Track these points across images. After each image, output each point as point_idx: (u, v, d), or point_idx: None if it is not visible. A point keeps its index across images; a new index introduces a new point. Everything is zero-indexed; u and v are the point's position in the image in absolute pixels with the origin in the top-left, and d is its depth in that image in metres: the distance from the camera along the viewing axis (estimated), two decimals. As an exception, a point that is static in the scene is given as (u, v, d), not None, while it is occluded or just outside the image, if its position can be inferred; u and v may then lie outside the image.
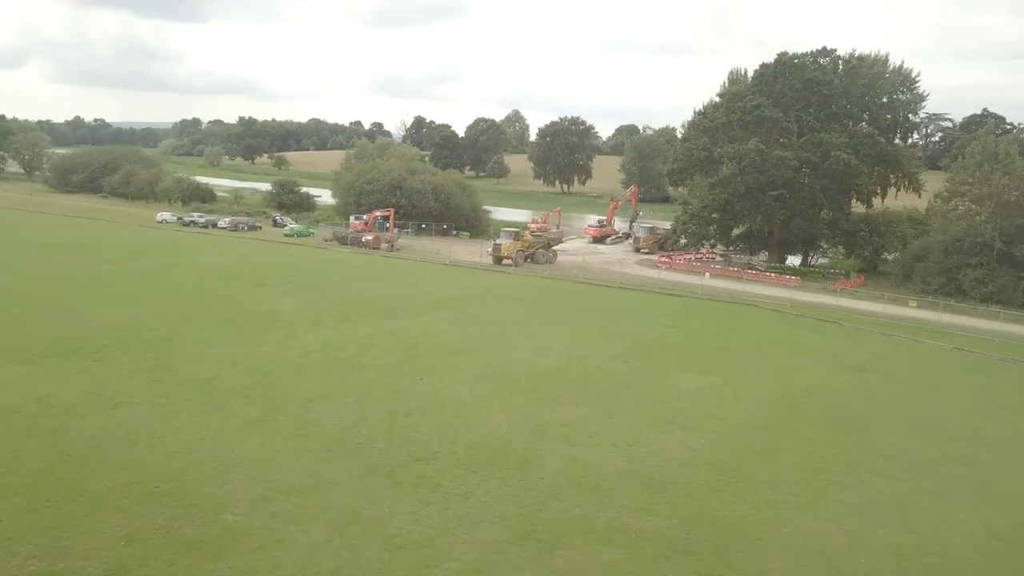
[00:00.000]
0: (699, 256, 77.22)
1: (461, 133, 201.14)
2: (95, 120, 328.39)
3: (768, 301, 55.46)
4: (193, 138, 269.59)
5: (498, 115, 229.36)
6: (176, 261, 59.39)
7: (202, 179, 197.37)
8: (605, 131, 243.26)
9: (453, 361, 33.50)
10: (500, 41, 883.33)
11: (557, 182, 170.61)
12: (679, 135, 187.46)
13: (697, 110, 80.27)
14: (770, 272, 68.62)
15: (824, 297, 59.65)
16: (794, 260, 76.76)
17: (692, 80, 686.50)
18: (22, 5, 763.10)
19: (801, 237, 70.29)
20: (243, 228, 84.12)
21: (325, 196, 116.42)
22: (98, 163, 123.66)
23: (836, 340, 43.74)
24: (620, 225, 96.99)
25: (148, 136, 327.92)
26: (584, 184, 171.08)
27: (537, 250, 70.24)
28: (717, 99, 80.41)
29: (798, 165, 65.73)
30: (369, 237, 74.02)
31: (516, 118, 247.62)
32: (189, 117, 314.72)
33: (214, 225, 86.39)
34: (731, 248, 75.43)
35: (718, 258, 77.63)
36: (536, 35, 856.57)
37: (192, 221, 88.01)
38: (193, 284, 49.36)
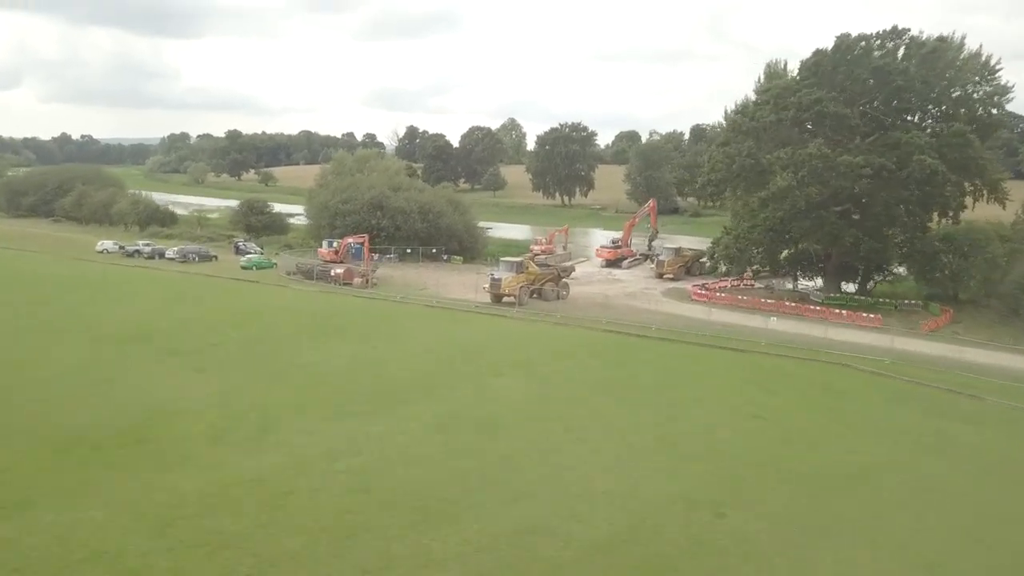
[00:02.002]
0: (736, 284, 62.30)
1: (456, 144, 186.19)
2: (82, 137, 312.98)
3: (857, 354, 40.51)
4: (181, 154, 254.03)
5: (494, 125, 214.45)
6: (80, 313, 44.34)
7: (184, 198, 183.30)
8: (602, 140, 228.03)
9: (421, 534, 18.47)
10: (495, 52, 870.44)
11: (557, 194, 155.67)
12: (685, 140, 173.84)
13: (732, 109, 65.50)
14: (837, 307, 53.66)
15: (921, 343, 44.63)
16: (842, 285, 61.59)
17: (688, 87, 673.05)
18: (17, 25, 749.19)
19: (871, 261, 55.33)
20: (193, 259, 68.97)
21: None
22: (52, 184, 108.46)
23: (1012, 440, 28.67)
24: (635, 241, 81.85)
25: (138, 152, 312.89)
26: (586, 195, 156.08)
27: (545, 283, 55.28)
28: (753, 97, 65.78)
29: (871, 172, 50.85)
30: (339, 270, 58.95)
31: (512, 127, 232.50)
32: (188, 133, 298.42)
33: (161, 255, 71.27)
34: (780, 275, 60.35)
35: (757, 285, 62.79)
36: (531, 46, 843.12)
37: (136, 251, 72.87)
38: (76, 357, 34.32)
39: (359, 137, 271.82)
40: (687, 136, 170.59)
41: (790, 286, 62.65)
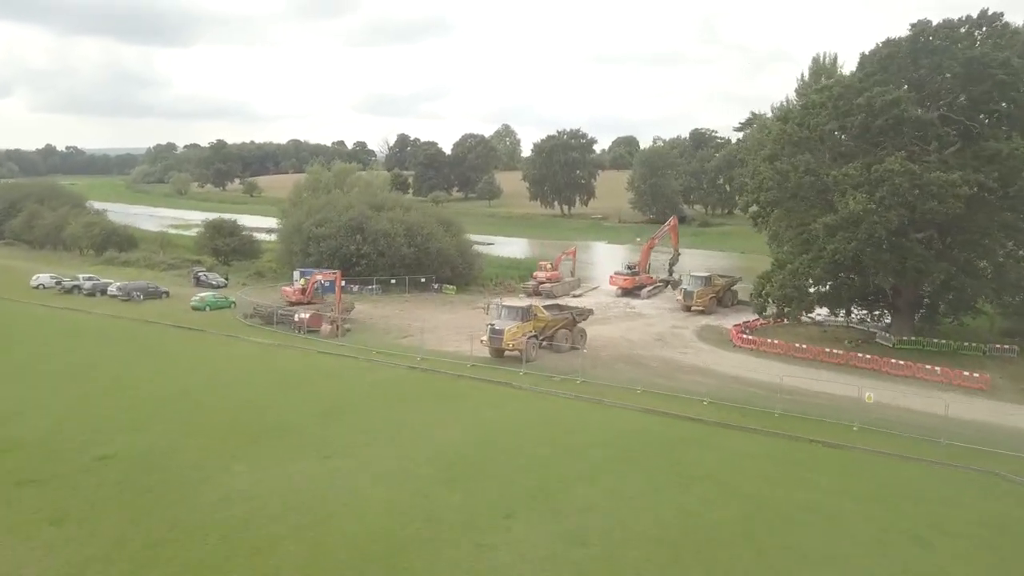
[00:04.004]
0: (778, 321, 50.54)
1: (448, 151, 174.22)
2: (67, 148, 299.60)
3: (997, 448, 28.90)
4: (166, 164, 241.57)
5: (487, 131, 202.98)
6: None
7: (164, 211, 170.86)
8: (598, 145, 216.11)
9: None
10: (486, 57, 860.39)
11: (556, 203, 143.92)
12: (683, 138, 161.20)
13: (768, 115, 53.70)
14: (914, 352, 42.21)
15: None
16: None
17: (682, 90, 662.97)
18: (6, 34, 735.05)
19: (961, 299, 43.59)
20: (137, 297, 57.01)
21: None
22: (5, 202, 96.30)
23: None
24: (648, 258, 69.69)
25: (124, 162, 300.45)
26: (587, 204, 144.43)
27: (557, 331, 43.58)
28: (794, 98, 54.19)
29: (971, 192, 39.37)
30: (305, 315, 47.12)
31: (506, 133, 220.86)
32: (181, 142, 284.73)
33: (103, 292, 59.35)
34: (847, 315, 48.44)
35: (803, 319, 51.06)
36: (523, 50, 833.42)
37: (76, 286, 60.89)
38: None
39: (349, 145, 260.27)
40: (686, 140, 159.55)
41: (843, 321, 51.12)
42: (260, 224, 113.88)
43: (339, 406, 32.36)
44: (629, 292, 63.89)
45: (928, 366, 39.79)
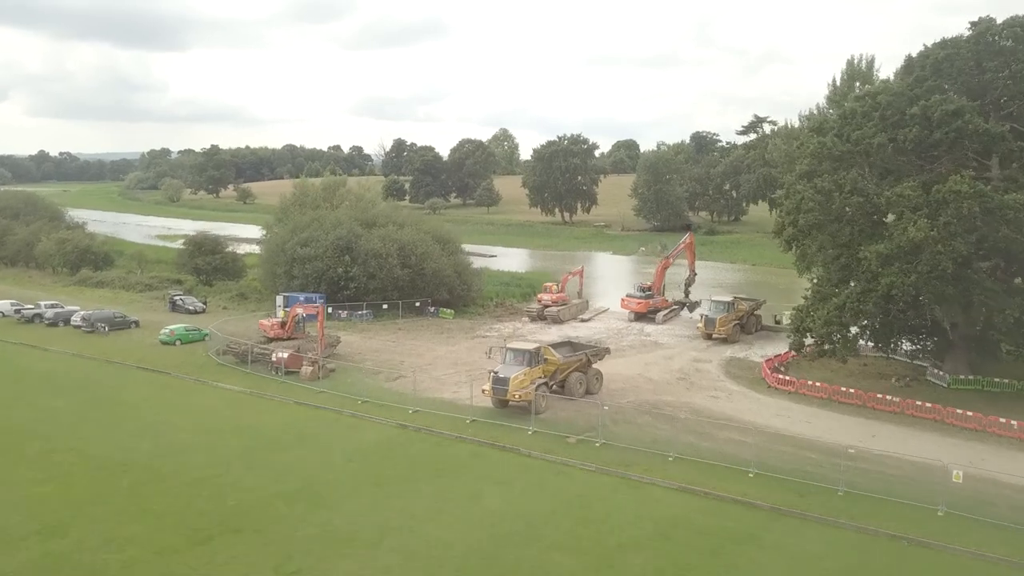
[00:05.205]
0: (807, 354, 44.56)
1: (446, 155, 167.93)
2: (61, 154, 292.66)
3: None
4: (159, 170, 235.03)
5: (484, 134, 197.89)
6: None
7: (154, 219, 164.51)
8: (598, 148, 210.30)
9: None
10: (483, 60, 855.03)
11: (557, 210, 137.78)
12: (687, 143, 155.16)
13: (771, 118, 47.69)
14: (973, 394, 36.43)
15: None
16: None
17: (677, 92, 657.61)
18: (1, 39, 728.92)
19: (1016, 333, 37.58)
20: (102, 329, 50.95)
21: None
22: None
23: None
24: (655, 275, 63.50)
25: (119, 168, 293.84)
26: (588, 211, 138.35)
27: (570, 373, 37.62)
28: (823, 104, 48.22)
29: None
30: (283, 355, 41.07)
31: (504, 137, 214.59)
32: (177, 147, 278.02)
33: (66, 322, 53.30)
34: (891, 349, 42.53)
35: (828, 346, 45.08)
36: (519, 52, 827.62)
37: (38, 315, 54.81)
38: None
39: (346, 149, 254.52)
40: (690, 145, 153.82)
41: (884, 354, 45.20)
42: (251, 234, 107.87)
43: (312, 485, 26.42)
44: (643, 316, 57.99)
45: (1003, 419, 33.82)
